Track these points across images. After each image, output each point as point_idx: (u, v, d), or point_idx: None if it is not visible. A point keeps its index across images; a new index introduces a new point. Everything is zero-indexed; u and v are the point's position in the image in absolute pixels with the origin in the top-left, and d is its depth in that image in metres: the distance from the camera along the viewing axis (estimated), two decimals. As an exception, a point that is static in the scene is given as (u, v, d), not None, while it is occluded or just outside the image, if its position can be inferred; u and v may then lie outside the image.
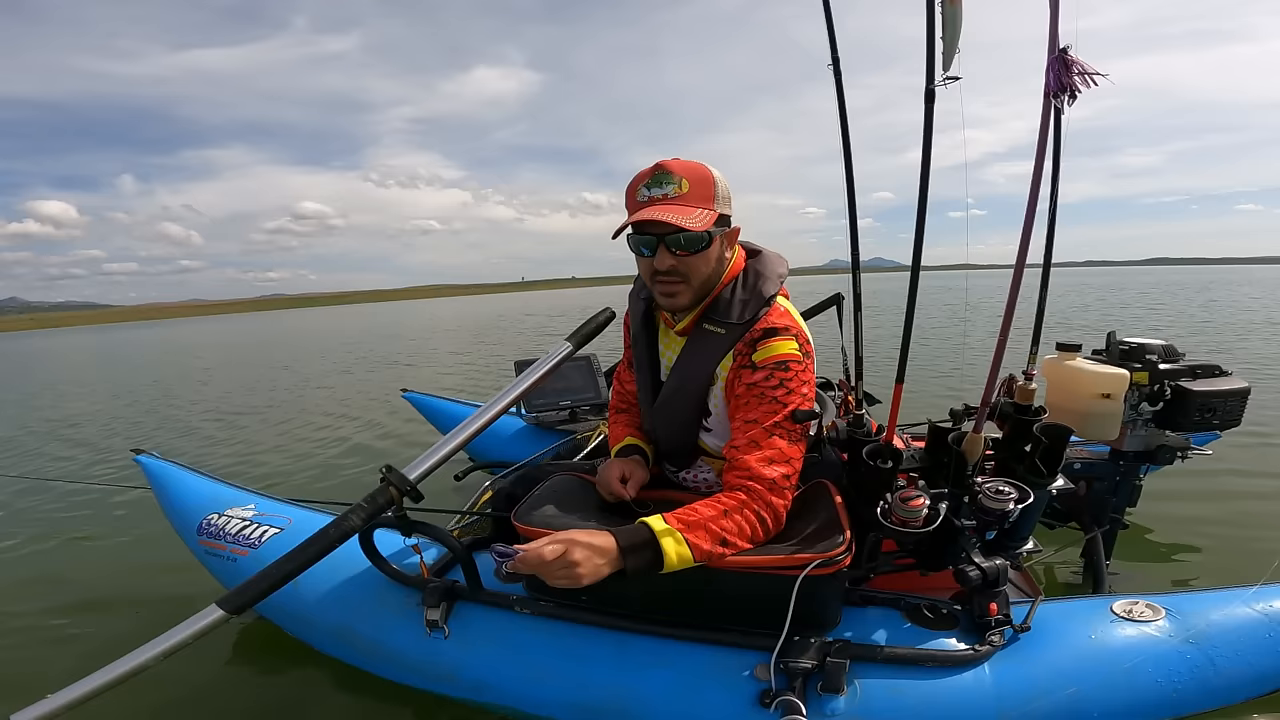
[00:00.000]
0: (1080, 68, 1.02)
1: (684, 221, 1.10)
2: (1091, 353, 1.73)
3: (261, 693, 1.62)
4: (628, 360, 1.53)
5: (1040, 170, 1.06)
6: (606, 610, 1.24)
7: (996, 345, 1.16)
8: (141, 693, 1.53)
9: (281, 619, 1.58)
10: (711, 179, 1.14)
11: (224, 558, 1.61)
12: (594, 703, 1.20)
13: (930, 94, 1.15)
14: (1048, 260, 1.29)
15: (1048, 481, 1.23)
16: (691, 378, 1.26)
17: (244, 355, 13.47)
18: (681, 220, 1.09)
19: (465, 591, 1.33)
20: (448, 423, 3.05)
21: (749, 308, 1.20)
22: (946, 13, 1.11)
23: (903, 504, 1.14)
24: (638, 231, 1.16)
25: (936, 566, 1.26)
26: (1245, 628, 1.19)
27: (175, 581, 2.17)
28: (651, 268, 1.18)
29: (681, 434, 1.33)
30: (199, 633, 1.13)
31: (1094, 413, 1.57)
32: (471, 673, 1.28)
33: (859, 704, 1.09)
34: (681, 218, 1.10)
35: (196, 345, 18.87)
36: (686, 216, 1.10)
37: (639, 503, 1.26)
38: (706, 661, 1.16)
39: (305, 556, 1.19)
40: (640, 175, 1.16)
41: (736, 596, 1.16)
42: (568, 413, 2.73)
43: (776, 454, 1.13)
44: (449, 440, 1.34)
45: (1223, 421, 1.61)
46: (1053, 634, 1.17)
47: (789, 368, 1.15)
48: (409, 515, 1.32)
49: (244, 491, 1.80)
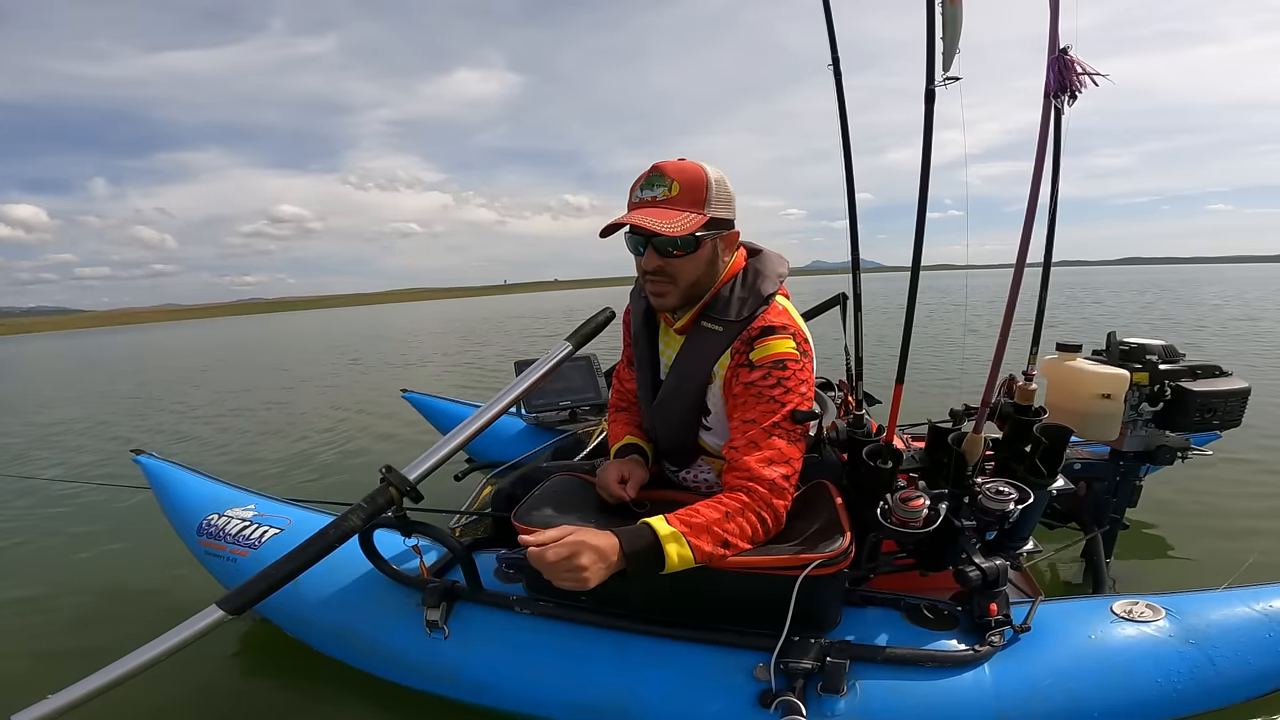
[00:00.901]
0: (1081, 68, 1.02)
1: (660, 226, 1.10)
2: (1091, 353, 1.73)
3: (261, 693, 1.62)
4: (627, 359, 1.53)
5: (1040, 170, 1.06)
6: (606, 610, 1.24)
7: (996, 345, 1.16)
8: (142, 693, 1.53)
9: (281, 619, 1.58)
10: (704, 182, 1.14)
11: (224, 558, 1.61)
12: (594, 703, 1.19)
13: (930, 94, 1.15)
14: (1048, 260, 1.29)
15: (1048, 482, 1.23)
16: (690, 376, 1.26)
17: (232, 358, 13.41)
18: (658, 225, 1.10)
19: (465, 592, 1.33)
20: (447, 423, 3.05)
21: (747, 306, 1.20)
22: (947, 13, 1.11)
23: (903, 504, 1.14)
24: (630, 231, 1.17)
25: (936, 567, 1.26)
26: (1245, 628, 1.18)
27: (175, 582, 2.17)
28: (642, 267, 1.20)
29: (681, 433, 1.33)
30: (199, 633, 1.13)
31: (1094, 413, 1.57)
32: (471, 673, 1.28)
33: (859, 704, 1.09)
34: (661, 222, 1.11)
35: (179, 349, 18.75)
36: (666, 221, 1.11)
37: (638, 503, 1.27)
38: (706, 662, 1.16)
39: (305, 557, 1.19)
40: (640, 176, 1.17)
41: (736, 597, 1.16)
42: (568, 413, 2.73)
43: (776, 454, 1.14)
44: (449, 440, 1.34)
45: (1223, 422, 1.61)
46: (1053, 634, 1.17)
47: (786, 367, 1.16)
48: (409, 515, 1.32)
49: (244, 492, 1.80)
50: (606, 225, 1.17)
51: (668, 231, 1.11)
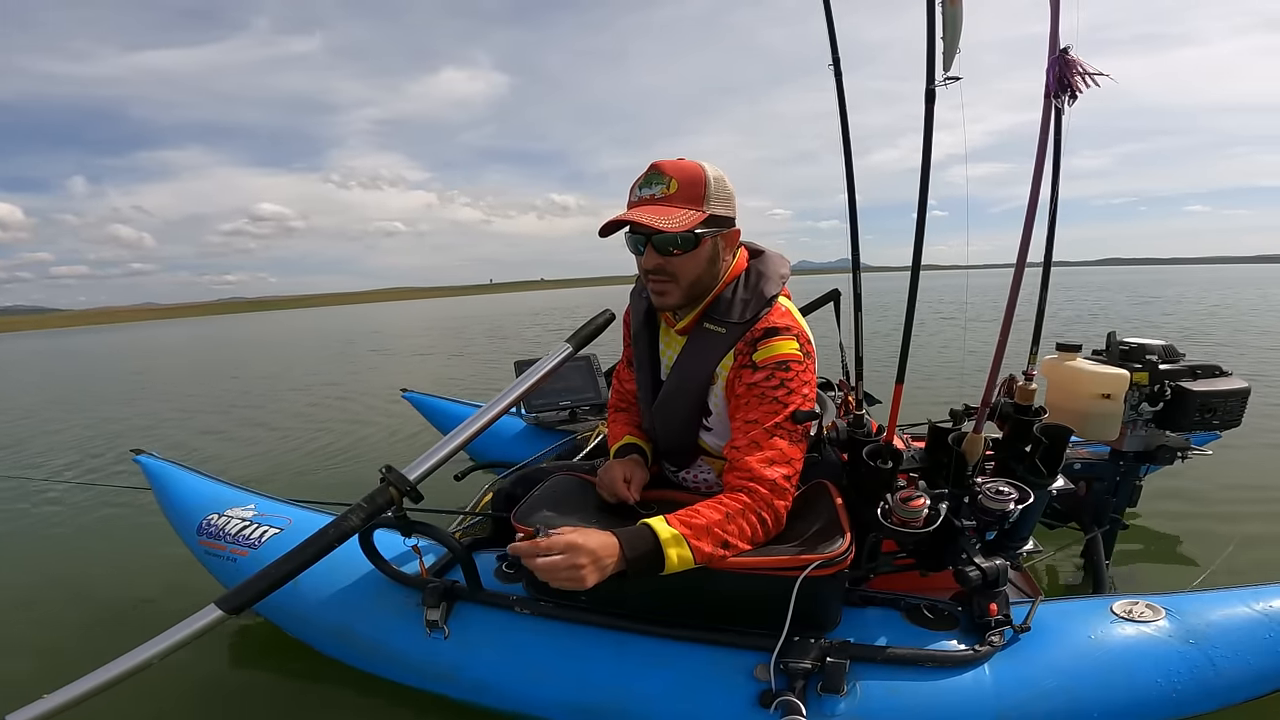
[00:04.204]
0: (1081, 68, 1.02)
1: (658, 223, 1.10)
2: (1091, 353, 1.73)
3: (261, 693, 1.62)
4: (627, 359, 1.53)
5: (1040, 170, 1.06)
6: (606, 610, 1.24)
7: (996, 345, 1.16)
8: (141, 693, 1.53)
9: (281, 619, 1.58)
10: (702, 179, 1.14)
11: (224, 558, 1.61)
12: (594, 703, 1.19)
13: (930, 94, 1.15)
14: (1048, 260, 1.29)
15: (1048, 482, 1.23)
16: (692, 377, 1.26)
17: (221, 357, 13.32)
18: (656, 221, 1.10)
19: (465, 592, 1.33)
20: (447, 423, 3.05)
21: (750, 307, 1.20)
22: (947, 13, 1.11)
23: (903, 504, 1.14)
24: (630, 230, 1.17)
25: (936, 567, 1.26)
26: (1245, 628, 1.18)
27: (175, 582, 2.16)
28: (642, 266, 1.20)
29: (681, 433, 1.33)
30: (197, 632, 1.13)
31: (1094, 413, 1.57)
32: (471, 673, 1.28)
33: (859, 704, 1.08)
34: (659, 219, 1.10)
35: (163, 349, 18.56)
36: (664, 218, 1.11)
37: (641, 504, 1.26)
38: (706, 662, 1.16)
39: (304, 557, 1.18)
40: (640, 176, 1.17)
41: (736, 597, 1.16)
42: (568, 413, 2.73)
43: (777, 455, 1.14)
44: (449, 441, 1.34)
45: (1223, 422, 1.61)
46: (1053, 634, 1.17)
47: (790, 368, 1.16)
48: (409, 515, 1.32)
49: (244, 491, 1.80)
50: (606, 223, 1.17)
51: (665, 228, 1.10)
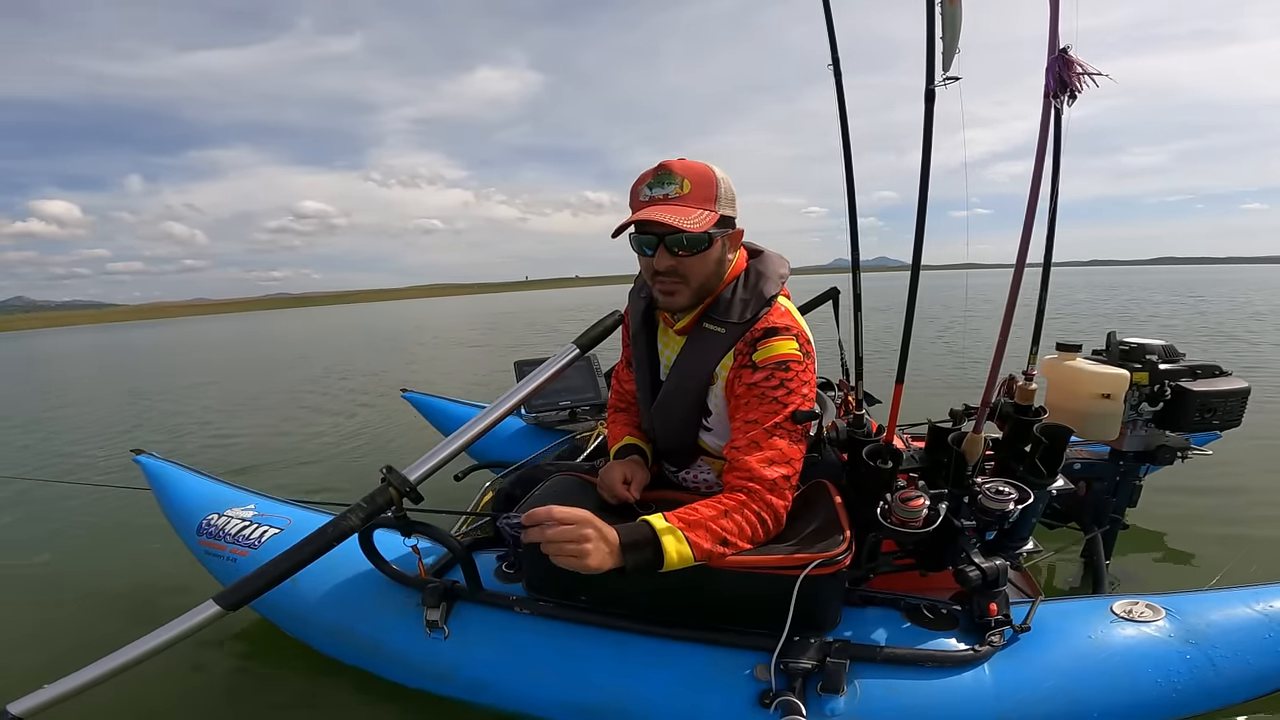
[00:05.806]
0: (1081, 68, 1.02)
1: (682, 222, 1.09)
2: (1091, 353, 1.73)
3: (261, 693, 1.61)
4: (626, 359, 1.53)
5: (1040, 170, 1.06)
6: (606, 610, 1.24)
7: (997, 345, 1.16)
8: (140, 693, 1.54)
9: (281, 619, 1.58)
10: (714, 180, 1.14)
11: (224, 558, 1.61)
12: (594, 703, 1.19)
13: (930, 94, 1.15)
14: (1048, 260, 1.29)
15: (1048, 482, 1.23)
16: (691, 377, 1.26)
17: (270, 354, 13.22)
18: (679, 221, 1.09)
19: (465, 592, 1.33)
20: (447, 423, 3.05)
21: (750, 307, 1.20)
22: (946, 13, 1.11)
23: (902, 504, 1.14)
24: (639, 231, 1.16)
25: (936, 567, 1.26)
26: (1245, 628, 1.19)
27: (175, 582, 2.16)
28: (652, 267, 1.18)
29: (681, 433, 1.33)
30: (195, 627, 1.13)
31: (1094, 413, 1.57)
32: (471, 673, 1.28)
33: (859, 704, 1.09)
34: (680, 218, 1.10)
35: (213, 344, 18.59)
36: (686, 217, 1.10)
37: (642, 504, 1.26)
38: (706, 662, 1.16)
39: (302, 555, 1.19)
40: (644, 175, 1.16)
41: (736, 596, 1.16)
42: (567, 413, 2.72)
43: (777, 454, 1.14)
44: (450, 442, 1.34)
45: (1223, 422, 1.61)
46: (1053, 634, 1.17)
47: (789, 368, 1.15)
48: (409, 515, 1.32)
49: (244, 492, 1.80)
50: (621, 224, 1.15)
51: (688, 227, 1.10)
